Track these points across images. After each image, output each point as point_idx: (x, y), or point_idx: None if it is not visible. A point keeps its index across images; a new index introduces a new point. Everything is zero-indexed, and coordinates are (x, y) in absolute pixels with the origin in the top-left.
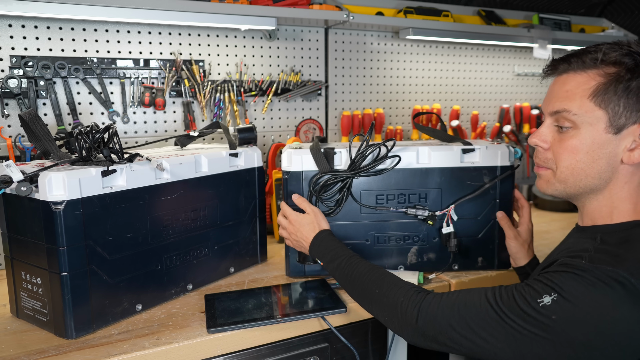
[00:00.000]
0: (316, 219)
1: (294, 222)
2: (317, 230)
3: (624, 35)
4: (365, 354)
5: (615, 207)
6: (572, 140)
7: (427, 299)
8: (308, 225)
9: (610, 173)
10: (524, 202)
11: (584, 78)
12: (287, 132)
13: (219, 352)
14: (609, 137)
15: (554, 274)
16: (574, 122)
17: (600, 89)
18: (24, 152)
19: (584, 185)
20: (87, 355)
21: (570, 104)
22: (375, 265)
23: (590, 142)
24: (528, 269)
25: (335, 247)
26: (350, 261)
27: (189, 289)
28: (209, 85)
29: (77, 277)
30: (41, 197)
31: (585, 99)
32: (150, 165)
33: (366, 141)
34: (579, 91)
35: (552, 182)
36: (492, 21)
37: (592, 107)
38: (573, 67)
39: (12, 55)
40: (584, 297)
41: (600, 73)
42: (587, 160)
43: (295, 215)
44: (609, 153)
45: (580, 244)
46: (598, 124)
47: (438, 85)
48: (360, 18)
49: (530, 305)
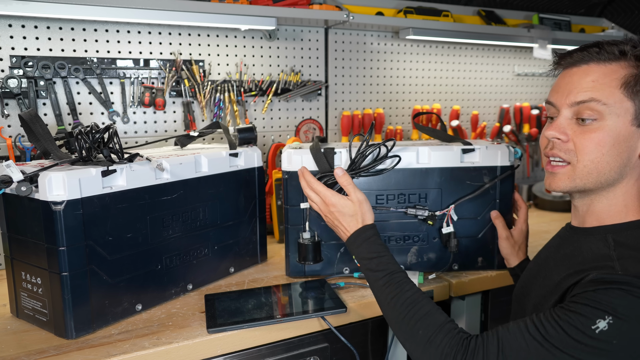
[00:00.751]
0: (361, 210)
1: (332, 207)
2: (359, 225)
3: (624, 35)
4: (365, 354)
5: (627, 204)
6: (599, 132)
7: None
8: (350, 217)
9: (628, 168)
10: (521, 204)
11: (612, 69)
12: (287, 132)
13: (219, 352)
14: (634, 129)
15: (597, 294)
16: (602, 113)
17: (631, 80)
18: (24, 152)
19: (605, 180)
20: (87, 355)
21: (599, 94)
22: (420, 293)
23: (616, 134)
24: (518, 270)
25: (378, 252)
26: (393, 279)
27: (189, 289)
28: (209, 85)
29: (77, 277)
30: (41, 197)
31: (616, 89)
32: (150, 165)
33: (366, 141)
34: (608, 81)
35: (572, 178)
36: (492, 21)
37: (621, 98)
38: (596, 58)
39: (12, 55)
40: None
41: (630, 65)
42: (613, 153)
43: (335, 198)
44: (631, 147)
45: (591, 248)
46: (625, 115)
47: (438, 85)
48: (360, 18)
49: (585, 334)
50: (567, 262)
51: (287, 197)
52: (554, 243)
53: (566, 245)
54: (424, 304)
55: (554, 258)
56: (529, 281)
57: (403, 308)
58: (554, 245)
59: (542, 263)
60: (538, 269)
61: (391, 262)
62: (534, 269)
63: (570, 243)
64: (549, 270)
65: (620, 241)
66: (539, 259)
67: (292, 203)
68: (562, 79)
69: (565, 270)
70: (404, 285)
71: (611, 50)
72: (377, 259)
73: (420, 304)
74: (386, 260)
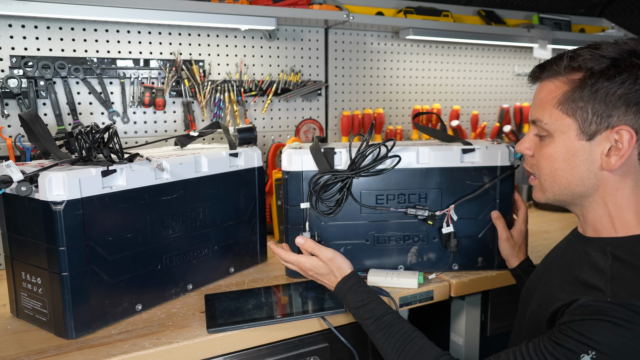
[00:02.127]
0: (334, 266)
1: (309, 271)
2: (338, 279)
3: (624, 35)
4: (364, 354)
5: (614, 216)
6: (549, 148)
7: None
8: (327, 274)
9: (594, 179)
10: (521, 204)
11: (554, 86)
12: (287, 132)
13: (219, 352)
14: (582, 143)
15: (582, 324)
16: (548, 130)
17: (565, 97)
18: (24, 152)
19: (570, 192)
20: (87, 355)
21: (542, 114)
22: (410, 331)
23: (565, 149)
24: (519, 270)
25: (362, 300)
26: (381, 324)
27: (189, 289)
28: (209, 85)
29: (77, 277)
30: (41, 197)
31: (553, 108)
32: (150, 165)
33: (366, 141)
34: (549, 99)
35: (542, 190)
36: (492, 21)
37: (560, 116)
38: (546, 75)
39: (12, 55)
40: (624, 347)
41: (565, 80)
42: (565, 167)
43: (307, 263)
44: (585, 160)
45: (589, 260)
46: (569, 131)
47: (438, 85)
48: (360, 18)
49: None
50: (566, 270)
51: (287, 197)
52: (561, 247)
53: (570, 251)
54: (415, 342)
55: (557, 263)
56: (534, 283)
57: (394, 351)
58: (561, 249)
59: (548, 266)
60: (543, 272)
61: (377, 307)
62: (540, 270)
63: (574, 250)
64: (551, 274)
65: (618, 256)
66: (546, 262)
67: (292, 203)
68: None
69: (562, 280)
70: (392, 327)
71: (556, 66)
72: (362, 307)
73: (411, 343)
74: (372, 306)
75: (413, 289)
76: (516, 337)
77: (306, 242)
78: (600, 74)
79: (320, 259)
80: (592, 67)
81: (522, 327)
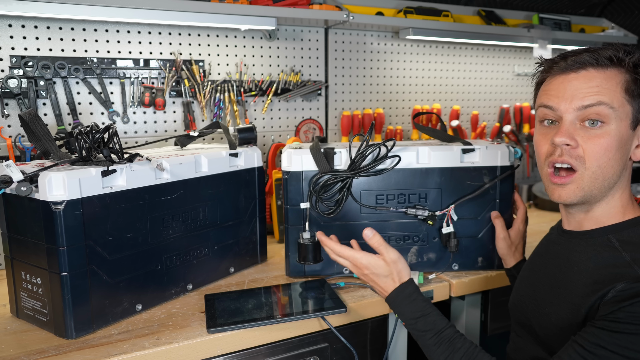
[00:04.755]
0: (396, 269)
1: (365, 269)
2: (397, 284)
3: (624, 35)
4: (364, 354)
5: (623, 204)
6: (606, 137)
7: None
8: (385, 277)
9: (624, 170)
10: (520, 204)
11: (610, 74)
12: (287, 132)
13: (219, 352)
14: (631, 133)
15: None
16: (608, 117)
17: (630, 85)
18: (24, 152)
19: (607, 184)
20: (87, 355)
21: (607, 98)
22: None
23: (620, 138)
24: (514, 271)
25: (422, 311)
26: (442, 338)
27: (189, 289)
28: (209, 85)
29: (77, 277)
30: (41, 197)
31: (619, 94)
32: (150, 165)
33: (366, 141)
34: (610, 85)
35: (581, 187)
36: (492, 21)
37: (623, 102)
38: (593, 64)
39: (12, 55)
40: None
41: (627, 70)
42: (617, 157)
43: (366, 260)
44: (627, 150)
45: (597, 252)
46: (626, 119)
47: (438, 85)
48: (360, 18)
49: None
50: (576, 269)
51: (287, 197)
52: (546, 249)
53: (565, 251)
54: (480, 358)
55: (556, 265)
56: (526, 293)
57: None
58: (552, 251)
59: (539, 271)
60: (535, 279)
61: (437, 319)
62: (529, 278)
63: (571, 248)
64: (554, 279)
65: (624, 240)
66: (534, 267)
67: (292, 203)
68: (560, 83)
69: (579, 280)
70: (455, 342)
71: (606, 56)
72: (422, 319)
73: (477, 358)
74: (432, 318)
75: None
76: (528, 343)
77: (374, 236)
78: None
79: (384, 258)
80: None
81: (529, 335)
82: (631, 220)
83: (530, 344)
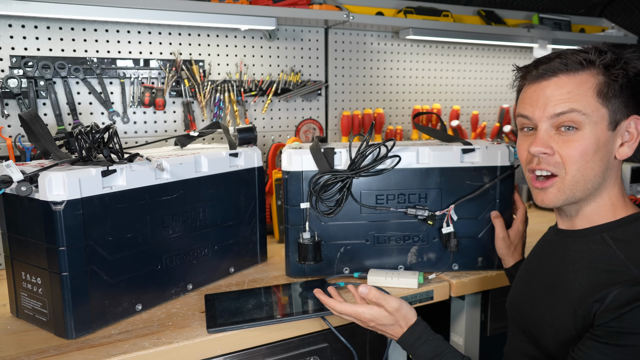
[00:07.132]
0: (400, 316)
1: (370, 322)
2: (404, 329)
3: (624, 35)
4: (364, 354)
5: (613, 203)
6: (581, 141)
7: None
8: (391, 325)
9: (609, 170)
10: (520, 204)
11: (582, 79)
12: (287, 132)
13: (219, 352)
14: (609, 134)
15: (634, 314)
16: (581, 122)
17: (603, 88)
18: (24, 152)
19: (591, 186)
20: (87, 355)
21: (578, 104)
22: None
23: (595, 141)
24: (513, 271)
25: (436, 351)
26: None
27: (189, 289)
28: (209, 85)
29: (77, 277)
30: (41, 197)
31: (591, 98)
32: (150, 165)
33: (366, 141)
34: (582, 91)
35: (562, 190)
36: (492, 21)
37: (597, 106)
38: (563, 70)
39: (12, 55)
40: None
41: (597, 72)
42: (596, 159)
43: (369, 314)
44: (608, 150)
45: (592, 250)
46: (602, 122)
47: (438, 85)
48: (360, 18)
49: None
50: (571, 269)
51: (287, 197)
52: (542, 249)
53: (560, 250)
54: None
55: (552, 264)
56: (522, 292)
57: None
58: (547, 251)
59: (535, 270)
60: (531, 278)
61: (452, 357)
62: (526, 277)
63: (566, 247)
64: (550, 279)
65: (618, 238)
66: (530, 266)
67: (292, 203)
68: (533, 92)
69: (575, 279)
70: None
71: (576, 60)
72: (436, 358)
73: None
74: (447, 357)
75: (413, 289)
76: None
77: (370, 291)
78: (628, 68)
79: (386, 309)
80: (627, 60)
81: (524, 335)
82: (624, 219)
83: (525, 344)
